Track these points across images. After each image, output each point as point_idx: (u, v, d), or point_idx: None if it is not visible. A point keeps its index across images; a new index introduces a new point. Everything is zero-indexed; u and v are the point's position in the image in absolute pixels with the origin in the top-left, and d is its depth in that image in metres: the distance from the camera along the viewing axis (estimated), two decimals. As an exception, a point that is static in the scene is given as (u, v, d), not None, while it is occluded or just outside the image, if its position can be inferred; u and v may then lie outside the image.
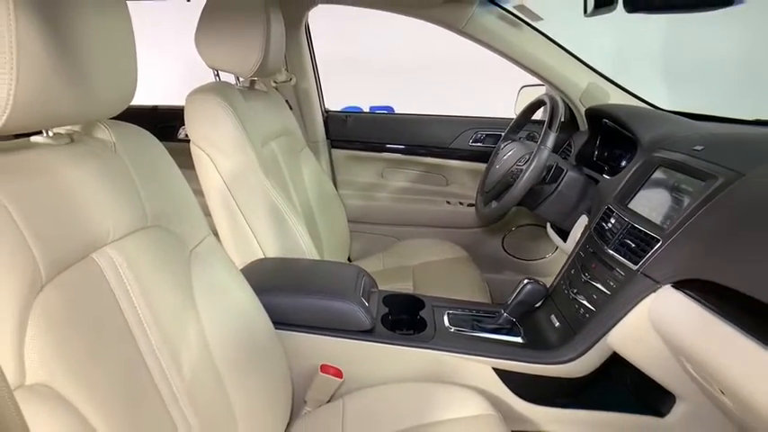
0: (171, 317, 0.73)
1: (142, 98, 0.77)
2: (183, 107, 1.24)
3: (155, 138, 0.83)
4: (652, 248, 0.93)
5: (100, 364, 0.59)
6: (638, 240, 0.97)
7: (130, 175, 0.73)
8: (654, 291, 0.90)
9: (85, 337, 0.58)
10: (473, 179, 1.90)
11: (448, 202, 1.97)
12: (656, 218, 0.99)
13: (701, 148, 1.00)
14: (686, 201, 0.94)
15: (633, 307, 0.93)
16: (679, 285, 0.86)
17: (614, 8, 0.92)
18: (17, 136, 0.63)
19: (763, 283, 0.69)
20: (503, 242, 1.96)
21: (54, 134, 0.66)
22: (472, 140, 1.89)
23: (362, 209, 2.01)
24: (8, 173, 0.56)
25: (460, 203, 1.95)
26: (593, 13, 0.96)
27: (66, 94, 0.56)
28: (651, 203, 1.05)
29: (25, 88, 0.51)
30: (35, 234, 0.54)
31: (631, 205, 1.09)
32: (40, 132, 0.65)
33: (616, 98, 1.63)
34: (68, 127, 0.71)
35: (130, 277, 0.68)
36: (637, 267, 0.94)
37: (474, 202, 1.63)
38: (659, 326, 0.89)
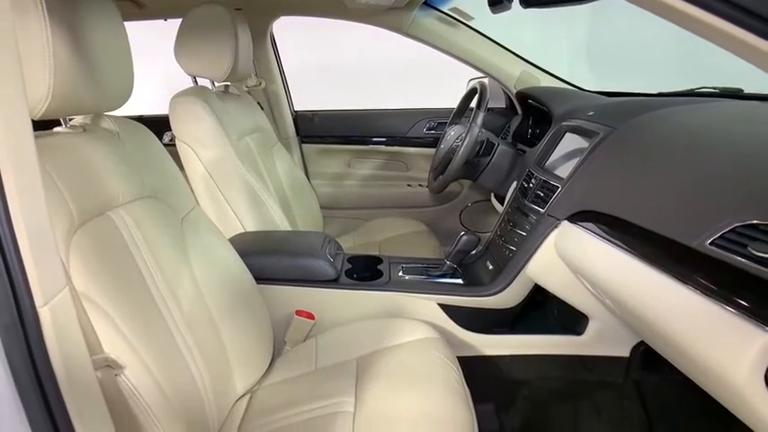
0: (170, 268, 0.93)
1: (127, 109, 0.95)
2: (166, 115, 1.42)
3: (148, 129, 1.03)
4: (554, 194, 1.16)
5: (122, 289, 0.79)
6: (546, 190, 1.20)
7: (131, 156, 0.94)
8: (556, 226, 1.12)
9: (109, 269, 0.78)
10: (429, 163, 2.11)
11: (409, 185, 2.20)
12: (562, 172, 1.21)
13: (592, 113, 1.24)
14: (580, 155, 1.17)
15: (542, 242, 1.15)
16: (574, 219, 1.08)
17: (509, 7, 1.11)
18: (42, 128, 0.83)
19: (619, 204, 0.92)
20: (460, 217, 2.19)
21: (70, 126, 0.87)
22: (426, 129, 2.12)
23: (333, 196, 2.22)
24: (45, 150, 0.76)
25: (420, 185, 2.18)
26: (495, 11, 1.16)
27: (86, 89, 0.77)
28: (560, 162, 1.28)
29: (58, 85, 0.71)
30: (68, 192, 0.75)
31: (546, 166, 1.32)
32: (60, 124, 0.86)
33: (546, 82, 1.87)
34: (81, 119, 0.91)
35: (137, 233, 0.88)
36: (544, 210, 1.17)
37: None
38: (562, 254, 1.11)
